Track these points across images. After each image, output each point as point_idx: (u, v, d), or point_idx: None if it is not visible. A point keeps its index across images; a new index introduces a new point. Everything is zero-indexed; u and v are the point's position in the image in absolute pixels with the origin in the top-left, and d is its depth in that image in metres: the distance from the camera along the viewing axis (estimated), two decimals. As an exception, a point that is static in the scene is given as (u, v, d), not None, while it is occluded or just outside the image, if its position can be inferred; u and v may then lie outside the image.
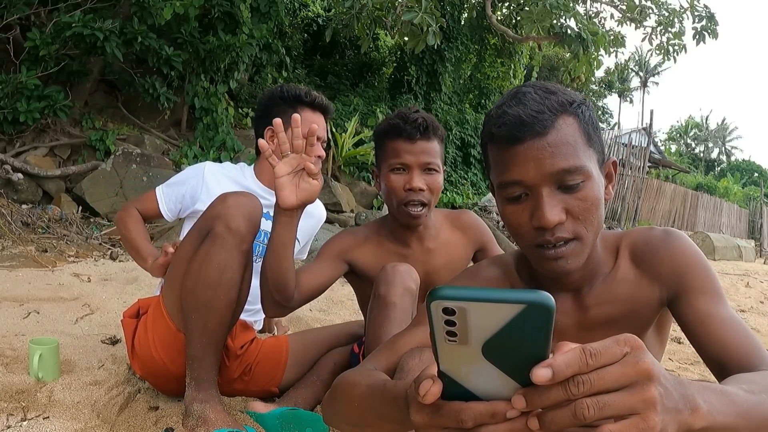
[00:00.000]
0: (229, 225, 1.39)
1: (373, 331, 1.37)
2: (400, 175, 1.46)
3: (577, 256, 0.84)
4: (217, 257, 1.39)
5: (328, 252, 1.52)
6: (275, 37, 7.79)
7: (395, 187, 1.46)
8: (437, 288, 0.46)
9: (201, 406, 1.41)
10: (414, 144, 1.45)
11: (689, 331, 0.88)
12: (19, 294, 2.67)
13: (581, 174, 0.81)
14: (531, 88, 0.84)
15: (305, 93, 1.72)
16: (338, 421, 0.83)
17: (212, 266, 1.39)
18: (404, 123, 1.45)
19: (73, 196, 4.94)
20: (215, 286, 1.39)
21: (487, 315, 0.45)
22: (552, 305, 0.45)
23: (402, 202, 1.46)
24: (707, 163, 48.21)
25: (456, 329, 0.46)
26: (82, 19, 4.85)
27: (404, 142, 1.45)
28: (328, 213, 6.98)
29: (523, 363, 0.47)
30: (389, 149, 1.48)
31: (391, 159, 1.47)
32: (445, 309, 0.46)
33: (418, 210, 1.46)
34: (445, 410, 0.51)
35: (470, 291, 0.46)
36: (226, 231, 1.39)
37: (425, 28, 6.02)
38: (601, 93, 33.40)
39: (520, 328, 0.46)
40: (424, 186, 1.45)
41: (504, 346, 0.47)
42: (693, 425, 0.50)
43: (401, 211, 1.48)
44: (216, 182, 1.73)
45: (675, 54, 8.25)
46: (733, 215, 18.09)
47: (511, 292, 0.45)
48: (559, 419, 0.47)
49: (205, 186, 1.73)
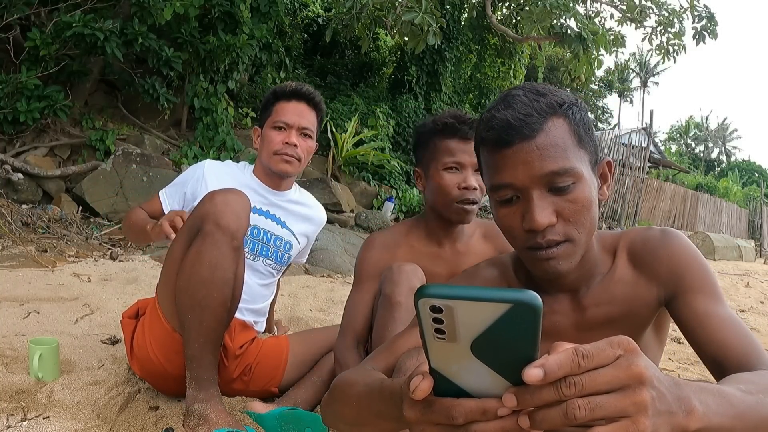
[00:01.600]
0: (219, 222, 1.40)
1: (378, 330, 1.37)
2: (455, 174, 1.47)
3: (569, 258, 0.84)
4: (208, 255, 1.40)
5: (364, 276, 1.53)
6: (275, 37, 7.78)
7: (449, 186, 1.46)
8: (424, 286, 0.47)
9: (202, 406, 1.42)
10: (468, 144, 1.46)
11: (687, 331, 0.88)
12: (19, 294, 2.67)
13: (571, 176, 0.81)
14: (521, 90, 0.84)
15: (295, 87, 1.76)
16: (337, 420, 0.83)
17: (204, 264, 1.40)
18: (459, 123, 1.46)
19: (73, 196, 4.94)
20: (208, 284, 1.40)
21: (474, 313, 0.46)
22: (538, 305, 0.45)
23: (456, 200, 1.47)
24: (707, 163, 48.17)
25: (444, 327, 0.47)
26: (82, 19, 4.85)
27: (459, 142, 1.46)
28: (328, 213, 6.98)
29: (513, 361, 0.48)
30: (442, 149, 1.48)
31: (445, 158, 1.47)
32: (433, 307, 0.46)
33: (472, 206, 1.48)
34: (436, 406, 0.51)
35: (456, 289, 0.46)
36: (216, 228, 1.40)
37: (425, 28, 6.02)
38: (601, 93, 33.39)
39: (508, 326, 0.46)
40: (477, 185, 1.47)
41: (493, 344, 0.47)
42: (688, 427, 0.50)
43: (454, 208, 1.48)
44: (215, 178, 1.74)
45: (675, 54, 8.25)
46: (733, 215, 18.08)
47: (498, 291, 0.46)
48: (549, 418, 0.47)
49: (204, 182, 1.73)
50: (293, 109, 1.73)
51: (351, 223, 6.67)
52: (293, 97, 1.75)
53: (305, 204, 1.91)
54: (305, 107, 1.75)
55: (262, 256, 1.77)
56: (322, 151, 7.94)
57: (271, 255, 1.78)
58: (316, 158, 7.87)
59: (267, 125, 1.75)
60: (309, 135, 1.76)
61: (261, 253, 1.77)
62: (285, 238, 1.81)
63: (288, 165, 1.74)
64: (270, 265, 1.79)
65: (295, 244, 1.85)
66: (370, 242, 1.58)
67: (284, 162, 1.73)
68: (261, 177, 1.81)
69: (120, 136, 5.68)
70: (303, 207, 1.89)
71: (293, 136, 1.72)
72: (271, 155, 1.73)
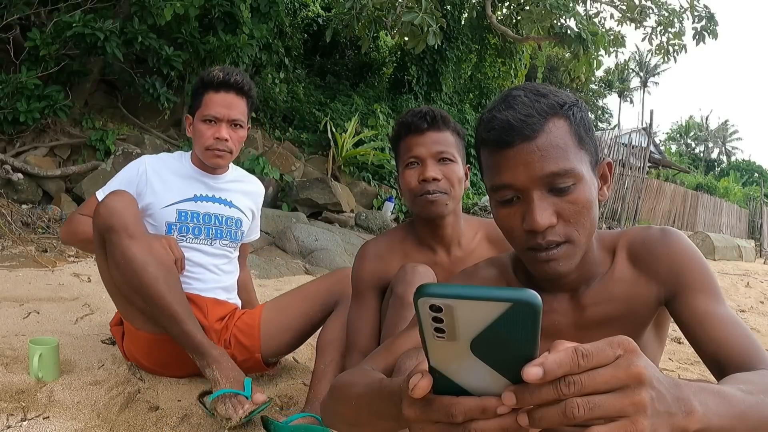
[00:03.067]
0: (111, 227, 1.55)
1: (388, 329, 1.36)
2: (414, 169, 1.42)
3: (569, 259, 0.84)
4: (118, 255, 1.55)
5: (362, 288, 1.51)
6: (275, 37, 7.78)
7: (410, 182, 1.42)
8: (424, 285, 0.47)
9: (210, 372, 1.54)
10: (423, 135, 1.41)
11: (687, 330, 0.88)
12: (19, 294, 2.67)
13: (572, 177, 0.81)
14: (522, 90, 0.84)
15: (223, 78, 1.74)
16: (337, 421, 0.83)
17: (120, 264, 1.56)
18: (412, 117, 1.43)
19: (73, 196, 4.94)
20: (131, 277, 1.55)
21: (474, 312, 0.46)
22: (538, 303, 0.45)
23: (418, 194, 1.41)
24: (707, 163, 48.17)
25: (444, 326, 0.47)
26: (82, 19, 4.85)
27: (414, 136, 1.42)
28: (328, 213, 6.97)
29: (512, 360, 0.48)
30: (402, 148, 1.46)
31: (404, 155, 1.44)
32: (432, 306, 0.46)
33: (435, 195, 1.39)
34: (435, 405, 0.51)
35: (456, 288, 0.46)
36: (111, 232, 1.55)
37: (425, 28, 6.02)
38: (601, 93, 33.39)
39: (508, 325, 0.46)
40: (439, 175, 1.39)
41: (492, 343, 0.47)
42: (687, 428, 0.50)
43: (418, 202, 1.41)
44: (158, 178, 1.79)
45: (675, 54, 8.25)
46: (733, 215, 18.07)
47: (498, 290, 0.46)
48: (548, 417, 0.47)
49: (149, 183, 1.78)
50: (222, 101, 1.73)
51: (351, 223, 6.67)
52: (221, 88, 1.73)
53: (243, 180, 1.97)
54: (234, 97, 1.75)
55: (218, 239, 1.85)
56: (322, 151, 7.94)
57: (226, 235, 1.87)
58: (316, 158, 7.87)
59: (197, 117, 1.76)
60: (240, 125, 1.78)
61: (217, 236, 1.85)
62: (235, 216, 1.89)
63: (220, 159, 1.78)
64: (227, 245, 1.88)
65: (245, 220, 1.93)
66: (364, 253, 1.53)
67: (216, 157, 1.77)
68: (199, 165, 1.85)
69: (120, 136, 5.68)
70: (242, 184, 1.95)
71: (223, 130, 1.74)
72: (203, 150, 1.77)
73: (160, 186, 1.78)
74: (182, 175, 1.83)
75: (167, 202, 1.78)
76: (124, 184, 1.76)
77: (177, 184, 1.81)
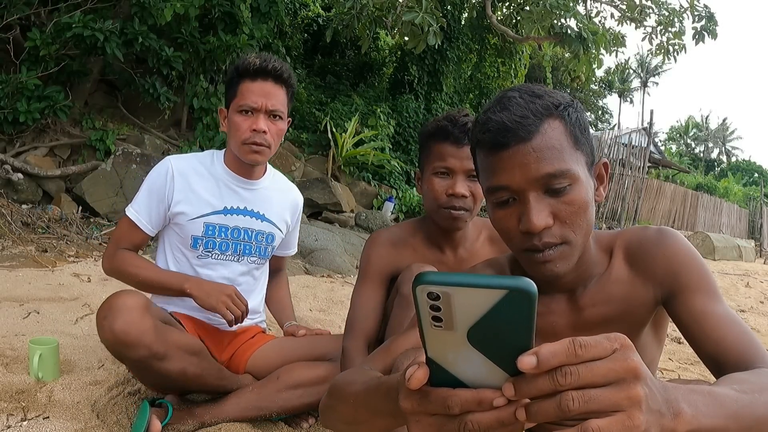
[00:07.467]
0: (136, 359, 1.39)
1: (393, 329, 1.37)
2: (444, 180, 1.41)
3: (566, 260, 0.85)
4: (154, 375, 1.46)
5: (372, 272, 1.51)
6: (275, 37, 7.79)
7: (437, 191, 1.42)
8: (422, 273, 0.48)
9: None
10: (460, 149, 1.39)
11: (685, 330, 0.88)
12: (19, 294, 2.68)
13: (567, 177, 0.81)
14: (517, 92, 0.84)
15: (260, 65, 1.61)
16: (335, 420, 0.84)
17: (157, 377, 1.46)
18: (452, 126, 1.40)
19: (73, 196, 4.95)
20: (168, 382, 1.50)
21: (471, 300, 0.47)
22: (534, 291, 0.46)
23: (443, 206, 1.42)
24: (707, 163, 48.15)
25: (441, 314, 0.48)
26: (82, 20, 4.85)
27: (450, 146, 1.40)
28: (328, 213, 6.96)
29: (508, 351, 0.48)
30: (434, 152, 1.43)
31: (435, 162, 1.42)
32: (430, 294, 0.47)
33: (460, 212, 1.41)
34: (432, 396, 0.52)
35: (454, 276, 0.47)
36: (137, 359, 1.39)
37: (426, 28, 6.02)
38: (601, 93, 33.38)
39: (504, 314, 0.47)
40: (467, 192, 1.40)
41: (489, 332, 0.48)
42: (676, 430, 0.50)
43: (441, 213, 1.43)
44: (186, 185, 1.65)
45: (675, 54, 8.25)
46: (733, 215, 18.07)
47: (494, 278, 0.46)
48: (544, 410, 0.47)
49: (176, 192, 1.64)
50: (259, 90, 1.59)
51: (351, 223, 6.67)
52: (258, 76, 1.59)
53: (280, 189, 1.81)
54: (272, 85, 1.61)
55: (246, 255, 1.73)
56: (322, 151, 7.94)
57: (255, 251, 1.74)
58: (316, 158, 7.87)
59: (232, 108, 1.62)
60: (279, 116, 1.63)
61: (245, 252, 1.72)
62: (266, 231, 1.75)
63: (258, 155, 1.62)
64: (254, 261, 1.75)
65: (278, 234, 1.79)
66: (376, 238, 1.54)
67: (253, 152, 1.62)
68: (232, 166, 1.70)
69: (120, 136, 5.68)
70: (278, 192, 1.79)
71: (261, 122, 1.59)
72: (240, 145, 1.61)
73: (189, 195, 1.64)
74: (213, 182, 1.67)
75: (195, 215, 1.64)
76: (153, 195, 1.63)
77: (206, 193, 1.66)
